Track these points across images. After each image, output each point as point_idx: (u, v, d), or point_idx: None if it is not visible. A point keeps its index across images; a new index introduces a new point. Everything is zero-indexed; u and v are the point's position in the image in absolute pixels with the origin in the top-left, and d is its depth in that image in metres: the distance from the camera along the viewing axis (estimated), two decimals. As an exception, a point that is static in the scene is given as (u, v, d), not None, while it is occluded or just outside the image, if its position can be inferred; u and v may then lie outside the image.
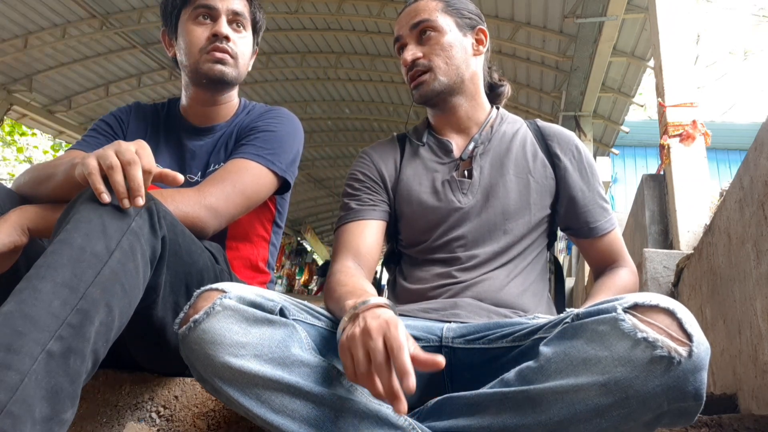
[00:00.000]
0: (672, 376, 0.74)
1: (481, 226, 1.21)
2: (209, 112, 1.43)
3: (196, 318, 0.86)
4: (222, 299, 0.87)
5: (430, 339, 1.05)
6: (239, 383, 0.84)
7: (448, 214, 1.23)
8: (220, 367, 0.84)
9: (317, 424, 0.84)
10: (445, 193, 1.24)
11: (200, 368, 0.86)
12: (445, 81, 1.25)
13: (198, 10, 1.36)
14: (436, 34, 1.26)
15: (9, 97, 6.92)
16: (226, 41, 1.36)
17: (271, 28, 6.47)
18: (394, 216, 1.29)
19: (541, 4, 5.29)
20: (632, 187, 7.47)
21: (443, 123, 1.32)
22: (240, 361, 0.84)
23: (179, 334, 0.88)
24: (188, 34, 1.37)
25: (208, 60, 1.35)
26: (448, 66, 1.26)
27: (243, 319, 0.87)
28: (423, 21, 1.26)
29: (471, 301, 1.15)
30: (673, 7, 2.85)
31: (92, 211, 0.89)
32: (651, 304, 0.78)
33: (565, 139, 1.30)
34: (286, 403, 0.84)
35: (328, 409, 0.84)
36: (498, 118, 1.33)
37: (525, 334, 0.97)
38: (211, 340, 0.84)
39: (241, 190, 1.25)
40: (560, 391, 0.78)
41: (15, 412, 0.72)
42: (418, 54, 1.25)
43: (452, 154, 1.29)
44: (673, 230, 2.50)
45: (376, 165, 1.31)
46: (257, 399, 0.84)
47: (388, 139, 1.39)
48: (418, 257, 1.26)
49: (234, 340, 0.84)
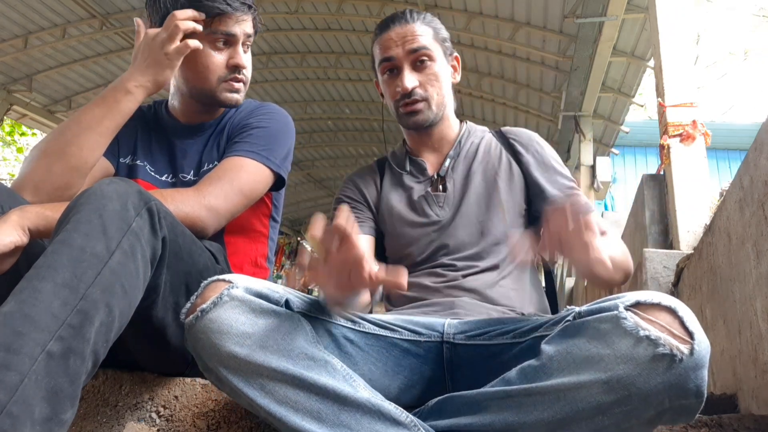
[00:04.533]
0: (674, 373, 0.75)
1: (460, 234, 1.27)
2: (199, 112, 1.43)
3: (204, 307, 0.87)
4: (230, 290, 0.89)
5: (431, 335, 1.06)
6: (244, 373, 0.85)
7: (427, 227, 1.29)
8: (225, 356, 0.85)
9: (320, 416, 0.84)
10: (422, 208, 1.32)
11: (205, 357, 0.87)
12: (435, 111, 1.33)
13: (216, 36, 1.31)
14: (431, 63, 1.31)
15: (9, 97, 6.92)
16: (243, 70, 1.35)
17: (271, 28, 6.47)
18: (380, 234, 1.35)
19: (541, 4, 5.28)
20: (632, 187, 7.47)
21: (419, 144, 1.40)
22: (245, 350, 0.85)
23: (185, 323, 0.89)
24: (205, 58, 1.32)
25: (225, 89, 1.34)
26: (439, 96, 1.32)
27: (250, 309, 0.88)
28: (422, 48, 1.30)
29: (469, 300, 1.17)
30: (673, 7, 2.85)
31: (92, 211, 0.89)
32: (653, 302, 0.80)
33: (525, 137, 1.39)
34: (290, 395, 0.84)
35: (331, 402, 0.85)
36: (466, 133, 1.41)
37: (526, 331, 0.98)
38: (218, 330, 0.85)
39: (240, 188, 1.25)
40: (562, 389, 0.79)
41: (15, 412, 0.72)
42: (416, 82, 1.29)
43: (426, 172, 1.37)
44: (673, 230, 2.50)
45: (359, 188, 1.41)
46: (261, 389, 0.85)
47: (368, 165, 1.48)
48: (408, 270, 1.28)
49: (240, 330, 0.86)
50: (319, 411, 0.84)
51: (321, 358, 0.88)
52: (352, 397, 0.85)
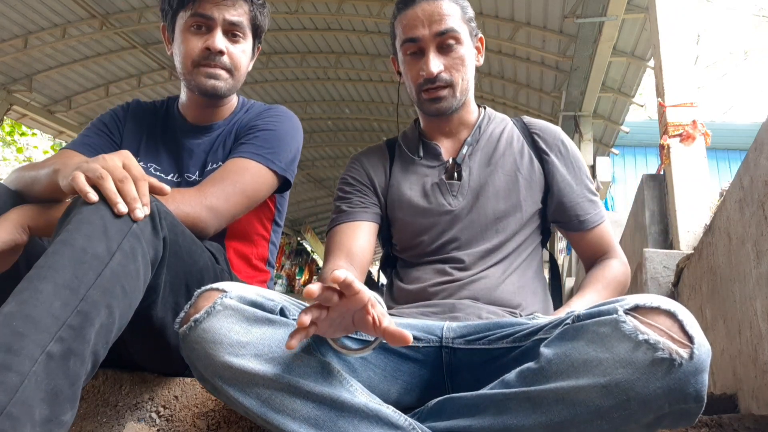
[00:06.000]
0: (673, 378, 0.74)
1: (473, 227, 1.22)
2: (207, 112, 1.42)
3: (197, 317, 0.86)
4: (223, 299, 0.87)
5: (430, 339, 1.05)
6: (240, 383, 0.84)
7: (439, 217, 1.24)
8: (220, 366, 0.84)
9: (317, 423, 0.84)
10: (435, 196, 1.25)
11: (201, 368, 0.86)
12: (459, 97, 1.25)
13: (193, 19, 1.31)
14: (458, 46, 1.22)
15: (9, 97, 6.91)
16: (220, 55, 1.31)
17: (271, 28, 6.41)
18: (386, 221, 1.30)
19: (541, 4, 5.28)
20: (632, 187, 7.47)
21: (435, 128, 1.33)
22: (240, 360, 0.84)
23: (180, 333, 0.88)
24: (183, 43, 1.33)
25: (200, 74, 1.32)
26: (464, 82, 1.24)
27: (244, 318, 0.86)
28: (450, 30, 1.20)
29: (469, 302, 1.15)
30: (673, 7, 2.85)
31: (94, 212, 0.89)
32: (652, 306, 0.78)
33: (551, 134, 1.31)
34: (287, 403, 0.84)
35: (328, 408, 0.84)
36: (486, 119, 1.33)
37: (525, 334, 0.97)
38: (212, 340, 0.84)
39: (242, 189, 1.24)
40: (561, 393, 0.78)
41: (15, 413, 0.72)
42: (441, 66, 1.20)
43: (441, 157, 1.29)
44: (673, 230, 2.50)
45: (366, 170, 1.33)
46: (257, 398, 0.84)
47: (377, 145, 1.40)
48: (413, 260, 1.26)
49: (235, 340, 0.84)
50: (316, 418, 0.84)
51: (317, 364, 0.87)
52: (350, 403, 0.85)
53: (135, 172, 0.94)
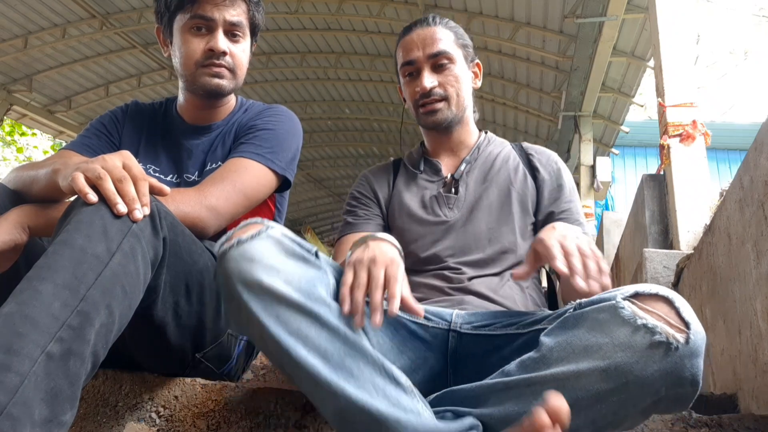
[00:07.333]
0: (670, 361, 0.78)
1: (466, 237, 1.28)
2: (206, 113, 1.42)
3: (242, 238, 0.90)
4: (269, 230, 0.92)
5: (439, 322, 1.10)
6: (264, 300, 0.86)
7: (434, 227, 1.31)
8: (250, 280, 0.87)
9: (326, 355, 0.85)
10: (432, 207, 1.34)
11: (232, 280, 0.88)
12: (455, 111, 1.35)
13: (194, 20, 1.31)
14: (451, 65, 1.33)
15: (9, 97, 6.93)
16: (223, 56, 1.32)
17: (271, 28, 6.47)
18: (388, 230, 1.37)
19: (541, 4, 5.29)
20: (632, 187, 7.48)
21: (438, 145, 1.42)
22: (271, 279, 0.87)
23: (219, 252, 0.91)
24: (184, 44, 1.32)
25: (204, 74, 1.32)
26: (459, 97, 1.34)
27: (283, 250, 0.91)
28: (443, 52, 1.32)
29: (476, 299, 1.19)
30: (673, 7, 2.85)
31: (93, 212, 0.89)
32: (650, 293, 0.83)
33: (546, 156, 1.41)
34: (303, 328, 0.86)
35: (341, 343, 0.86)
36: (485, 141, 1.43)
37: (529, 323, 1.02)
38: (250, 258, 0.88)
39: (242, 189, 1.24)
40: (561, 378, 0.82)
41: (14, 414, 0.72)
42: (435, 82, 1.32)
43: (441, 173, 1.38)
44: (673, 230, 2.50)
45: (371, 185, 1.44)
46: (276, 318, 0.86)
47: (385, 163, 1.50)
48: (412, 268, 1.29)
49: (271, 264, 0.88)
50: (326, 350, 0.85)
51: (336, 308, 0.90)
52: (360, 344, 0.87)
53: (135, 172, 0.94)
